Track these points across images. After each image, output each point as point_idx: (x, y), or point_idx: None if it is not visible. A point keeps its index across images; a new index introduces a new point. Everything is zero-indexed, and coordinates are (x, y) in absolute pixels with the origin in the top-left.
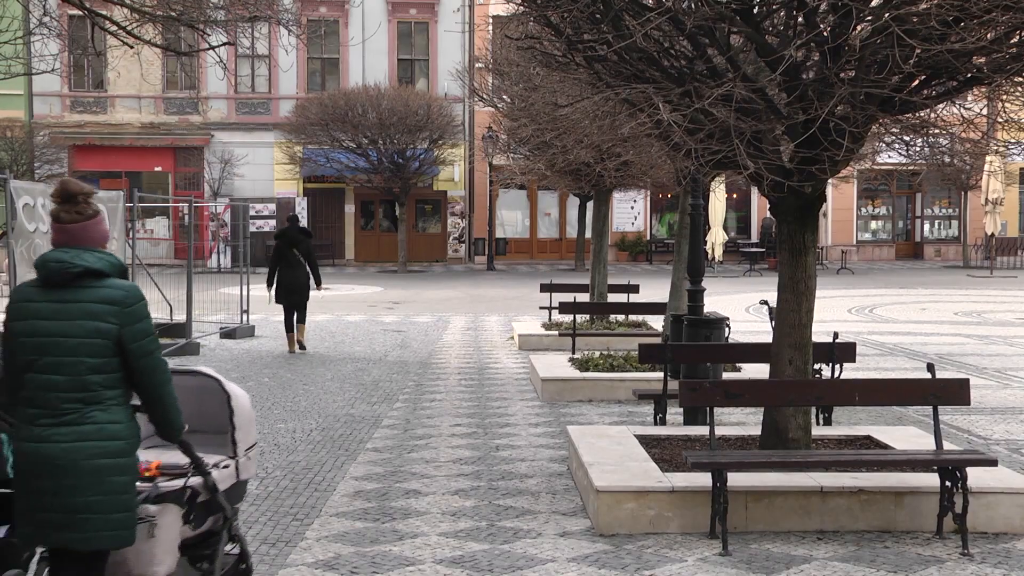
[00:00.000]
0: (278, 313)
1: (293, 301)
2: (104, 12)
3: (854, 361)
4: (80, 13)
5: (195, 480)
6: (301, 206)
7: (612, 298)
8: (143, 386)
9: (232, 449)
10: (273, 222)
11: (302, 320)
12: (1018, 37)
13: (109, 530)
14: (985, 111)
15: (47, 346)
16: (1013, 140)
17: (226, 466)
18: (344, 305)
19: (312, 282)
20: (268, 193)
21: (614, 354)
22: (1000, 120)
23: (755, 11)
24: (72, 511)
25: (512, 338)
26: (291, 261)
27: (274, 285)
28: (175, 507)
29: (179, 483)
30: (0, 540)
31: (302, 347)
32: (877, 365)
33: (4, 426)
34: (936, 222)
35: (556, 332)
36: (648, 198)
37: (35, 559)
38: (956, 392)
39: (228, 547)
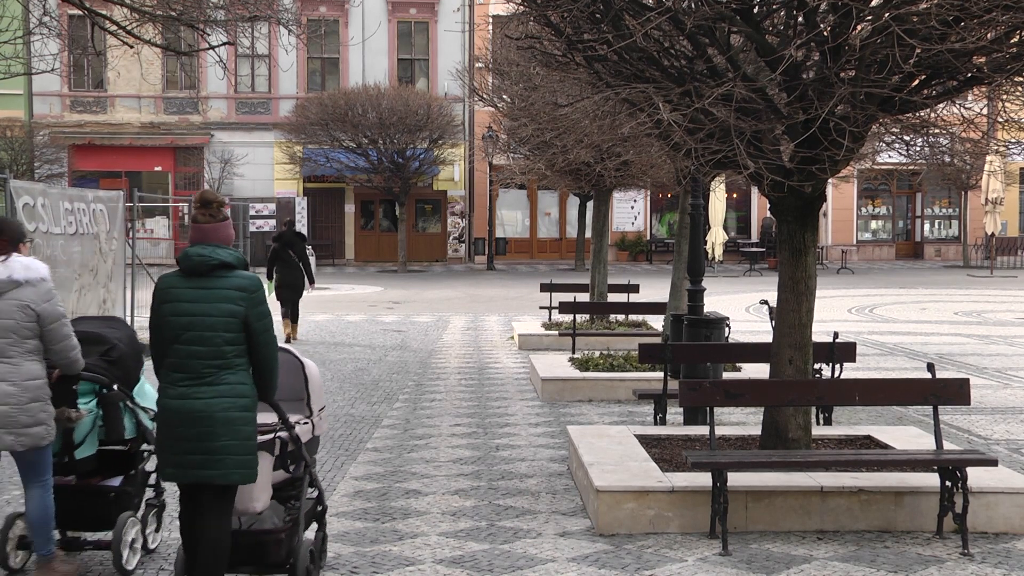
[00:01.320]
0: (275, 314)
1: (287, 297)
2: (104, 12)
3: (854, 361)
4: (80, 13)
5: (283, 434)
6: (301, 206)
7: (612, 298)
8: (259, 355)
9: (307, 410)
10: (273, 222)
11: (295, 318)
12: (1018, 37)
13: (239, 468)
14: (985, 111)
15: (191, 323)
16: (1013, 140)
17: (304, 423)
18: (344, 305)
19: (306, 281)
20: (268, 193)
21: (614, 354)
22: (1000, 120)
23: (755, 11)
24: (211, 453)
25: (512, 338)
26: (288, 262)
27: (274, 280)
28: (268, 455)
29: (271, 436)
30: (116, 488)
31: (294, 339)
32: (877, 365)
33: (121, 395)
34: (936, 222)
35: (556, 332)
36: (648, 198)
37: (143, 505)
38: (956, 392)
39: (308, 491)
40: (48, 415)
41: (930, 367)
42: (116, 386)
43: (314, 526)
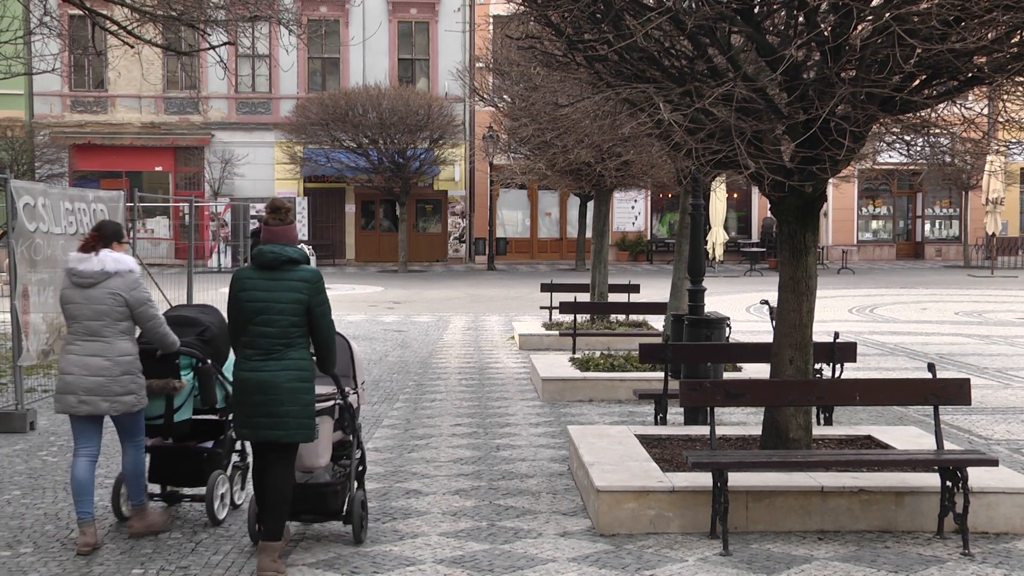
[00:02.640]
0: None
1: None
2: (104, 12)
3: (855, 361)
4: (80, 13)
5: (339, 401)
6: (302, 206)
7: (613, 298)
8: (320, 335)
9: (354, 383)
10: None
11: None
12: (1019, 37)
13: (301, 429)
14: (986, 111)
15: (264, 308)
16: (1014, 140)
17: (353, 394)
18: (344, 305)
19: None
20: (269, 193)
21: (615, 354)
22: (1001, 120)
23: (756, 11)
24: (277, 416)
25: (512, 338)
26: None
27: None
28: (329, 418)
29: (330, 403)
30: (209, 450)
31: None
32: (878, 365)
33: (214, 369)
34: (937, 222)
35: (557, 332)
36: (649, 198)
37: (230, 466)
38: (957, 392)
39: (356, 454)
40: (138, 386)
41: (931, 367)
42: (209, 361)
43: (357, 484)
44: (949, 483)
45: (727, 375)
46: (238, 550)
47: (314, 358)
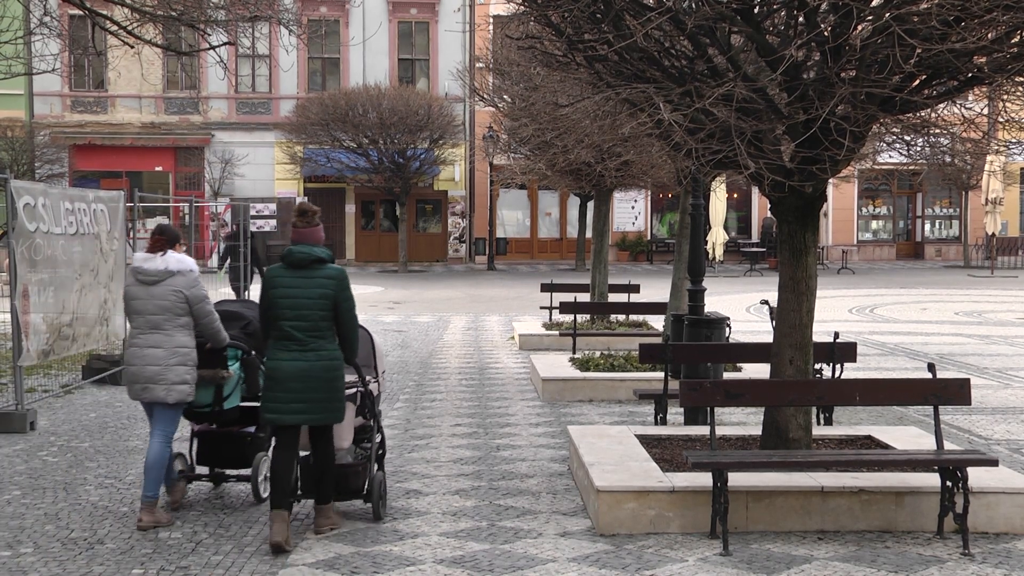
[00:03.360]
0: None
1: (237, 288)
2: (104, 12)
3: (855, 361)
4: (80, 13)
5: (361, 389)
6: None
7: (613, 298)
8: (344, 327)
9: (375, 372)
10: (274, 222)
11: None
12: (1019, 37)
13: (332, 412)
14: (986, 111)
15: (295, 304)
16: (1013, 140)
17: (374, 382)
18: None
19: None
20: (269, 193)
21: (615, 354)
22: (1001, 120)
23: (756, 11)
24: (312, 401)
25: (513, 338)
26: (238, 255)
27: (225, 267)
28: (352, 404)
29: (353, 390)
30: (251, 434)
31: None
32: (878, 365)
33: (257, 360)
34: (937, 222)
35: (557, 332)
36: (649, 198)
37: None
38: (957, 392)
39: (376, 438)
40: (192, 378)
41: (931, 367)
42: (253, 353)
43: (377, 465)
44: (949, 483)
45: (727, 375)
46: (238, 550)
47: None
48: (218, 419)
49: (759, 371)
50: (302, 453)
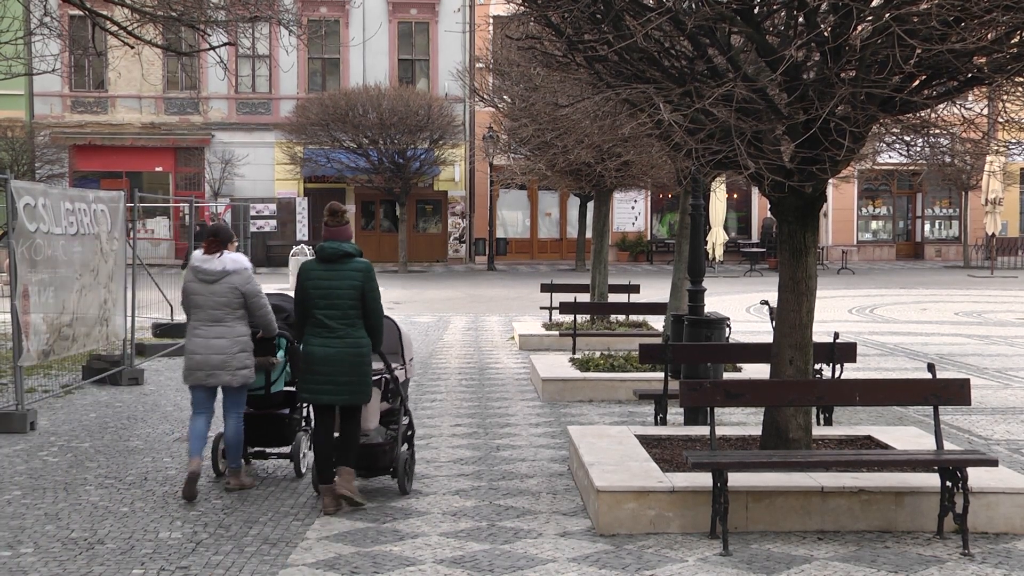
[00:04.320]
0: None
1: None
2: (105, 12)
3: (855, 361)
4: (81, 13)
5: (387, 375)
6: (302, 206)
7: (613, 298)
8: (371, 316)
9: (401, 360)
10: (274, 222)
11: None
12: (1019, 37)
13: (360, 393)
14: (985, 111)
15: (326, 294)
16: (1013, 140)
17: (401, 368)
18: None
19: None
20: (269, 193)
21: (615, 354)
22: (1000, 120)
23: (756, 11)
24: (341, 384)
25: (513, 338)
26: None
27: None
28: (377, 389)
29: (379, 377)
30: (288, 415)
31: None
32: (878, 365)
33: (298, 348)
34: (936, 222)
35: (557, 332)
36: (649, 198)
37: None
38: (957, 392)
39: (403, 420)
40: (251, 363)
41: (930, 367)
42: (295, 342)
43: (405, 445)
44: (949, 483)
45: (727, 375)
46: (238, 550)
47: None
48: (269, 402)
49: (759, 371)
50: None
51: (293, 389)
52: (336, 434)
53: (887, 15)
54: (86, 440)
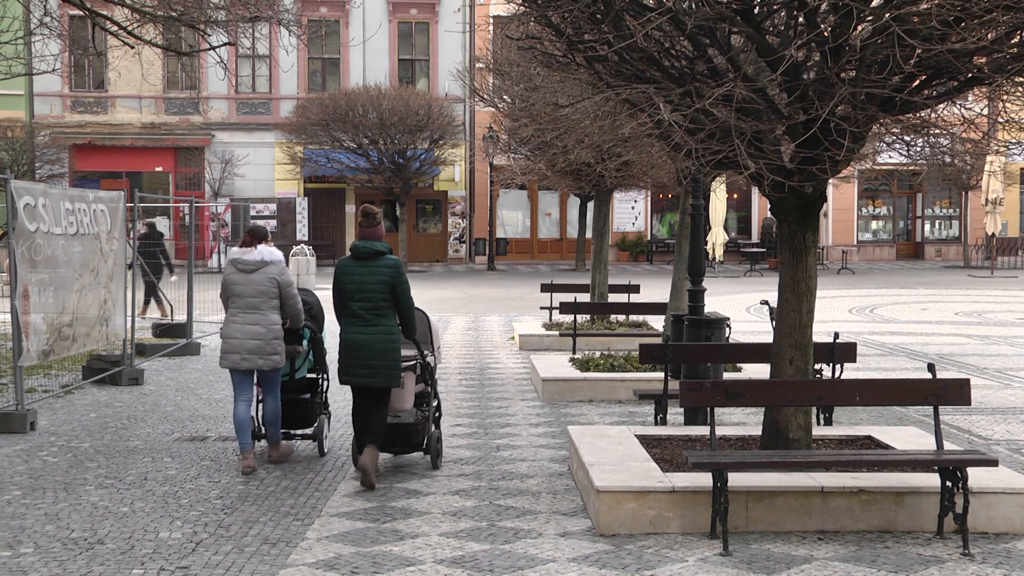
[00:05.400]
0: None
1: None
2: (105, 12)
3: (855, 361)
4: (81, 13)
5: (420, 360)
6: (302, 206)
7: (613, 298)
8: (402, 308)
9: (431, 347)
10: (274, 222)
11: (158, 299)
12: (1019, 37)
13: (391, 377)
14: (986, 111)
15: (360, 288)
16: (1013, 140)
17: (431, 355)
18: None
19: (165, 268)
20: (269, 193)
21: (615, 354)
22: (1001, 120)
23: (756, 11)
24: (374, 368)
25: (513, 338)
26: (149, 253)
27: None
28: (411, 373)
29: (412, 362)
30: (310, 399)
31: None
32: (878, 365)
33: (321, 338)
34: (937, 222)
35: (557, 332)
36: (649, 198)
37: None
38: (957, 392)
39: (433, 403)
40: (283, 349)
41: (930, 367)
42: (317, 332)
43: (434, 426)
44: (949, 483)
45: (727, 375)
46: (238, 550)
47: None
48: (295, 387)
49: (759, 371)
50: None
51: (315, 376)
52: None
53: (887, 15)
54: (86, 440)
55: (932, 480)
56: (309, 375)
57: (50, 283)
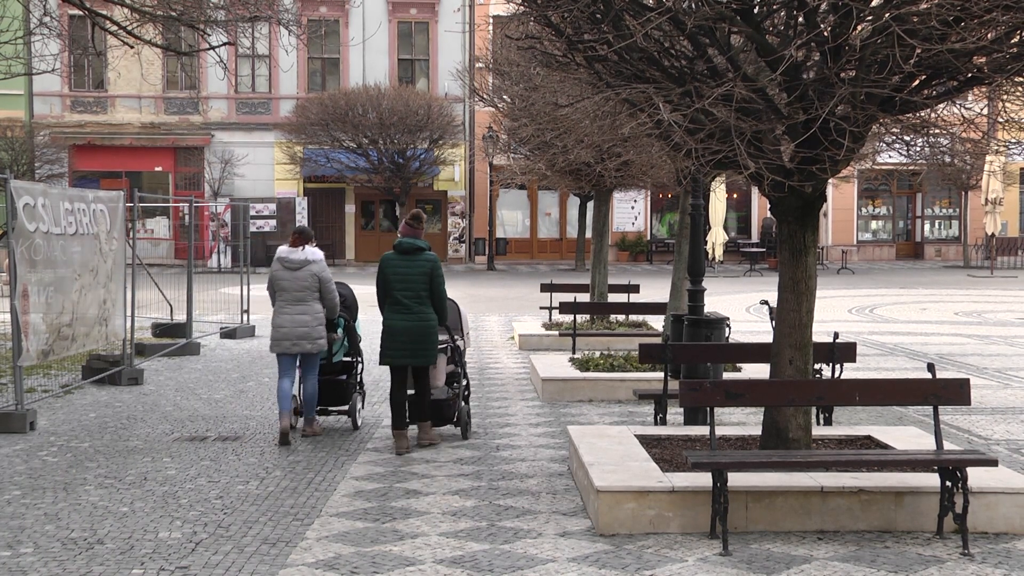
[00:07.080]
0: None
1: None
2: (104, 12)
3: (854, 361)
4: (80, 13)
5: (451, 344)
6: (302, 206)
7: (612, 298)
8: (437, 297)
9: (461, 332)
10: (274, 222)
11: None
12: (1018, 37)
13: (427, 357)
14: (985, 111)
15: (403, 279)
16: (1013, 140)
17: (461, 340)
18: None
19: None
20: (268, 193)
21: (614, 354)
22: (1000, 120)
23: (755, 11)
24: (416, 349)
25: (512, 338)
26: None
27: None
28: (444, 355)
29: (445, 345)
30: (344, 380)
31: None
32: (877, 365)
33: (353, 327)
34: (936, 222)
35: (556, 332)
36: (648, 198)
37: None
38: (956, 392)
39: (463, 382)
40: (324, 335)
41: (930, 367)
42: (351, 321)
43: (463, 403)
44: (949, 483)
45: (727, 375)
46: (238, 550)
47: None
48: (331, 369)
49: (759, 371)
50: (409, 392)
51: (349, 359)
52: (411, 392)
53: (887, 15)
54: (86, 440)
55: (932, 480)
56: (345, 359)
57: (50, 283)
